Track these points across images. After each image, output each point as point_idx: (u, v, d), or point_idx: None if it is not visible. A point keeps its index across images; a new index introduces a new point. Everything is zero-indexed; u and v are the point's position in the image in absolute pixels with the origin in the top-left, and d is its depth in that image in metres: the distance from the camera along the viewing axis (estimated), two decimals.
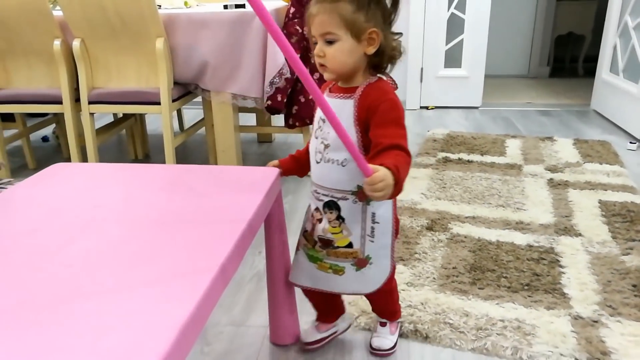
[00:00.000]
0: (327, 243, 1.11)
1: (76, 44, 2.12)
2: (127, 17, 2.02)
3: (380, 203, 1.04)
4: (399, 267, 1.61)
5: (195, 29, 2.09)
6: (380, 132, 0.96)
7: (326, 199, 1.07)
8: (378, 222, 1.07)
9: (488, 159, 2.56)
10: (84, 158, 2.33)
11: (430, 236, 1.81)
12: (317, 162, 1.07)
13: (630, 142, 2.75)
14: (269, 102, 2.10)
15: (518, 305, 1.44)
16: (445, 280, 1.55)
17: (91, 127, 2.23)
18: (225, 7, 2.18)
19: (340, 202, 1.06)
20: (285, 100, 2.12)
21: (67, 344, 0.63)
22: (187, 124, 3.24)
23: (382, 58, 1.01)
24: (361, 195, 1.04)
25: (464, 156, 2.60)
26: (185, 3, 2.37)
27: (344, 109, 1.00)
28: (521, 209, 2.03)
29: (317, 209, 1.11)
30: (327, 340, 1.31)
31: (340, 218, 1.07)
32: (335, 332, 1.33)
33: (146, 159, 2.82)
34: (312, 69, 2.07)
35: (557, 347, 1.27)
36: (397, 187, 0.90)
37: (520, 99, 3.87)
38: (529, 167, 2.45)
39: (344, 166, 1.02)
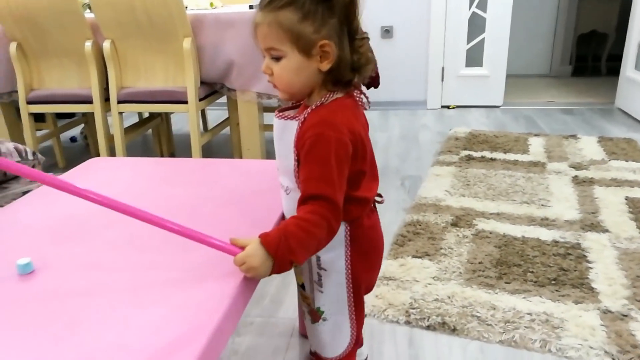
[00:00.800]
0: (297, 274, 0.99)
1: (106, 44, 2.17)
2: (156, 17, 2.07)
3: (328, 247, 0.84)
4: (425, 262, 1.63)
5: (222, 29, 2.13)
6: (302, 175, 0.81)
7: None
8: (325, 269, 0.90)
9: (511, 156, 2.56)
10: (112, 156, 2.38)
11: (456, 232, 1.82)
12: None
13: None
14: (294, 101, 2.13)
15: (546, 299, 1.44)
16: (471, 275, 1.56)
17: (120, 126, 2.28)
18: (251, 7, 2.22)
19: None
20: None
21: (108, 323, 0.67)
22: (210, 124, 3.29)
23: (342, 72, 0.82)
24: None
25: (487, 154, 2.60)
26: (211, 4, 2.41)
27: (285, 131, 0.84)
28: (546, 205, 2.02)
29: None
30: None
31: None
32: None
33: (172, 157, 2.87)
34: None
35: (587, 340, 1.28)
36: (280, 263, 0.75)
37: (542, 98, 3.84)
38: (553, 164, 2.44)
39: (287, 194, 0.89)
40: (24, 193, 1.36)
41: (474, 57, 3.58)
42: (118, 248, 0.88)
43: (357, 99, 0.86)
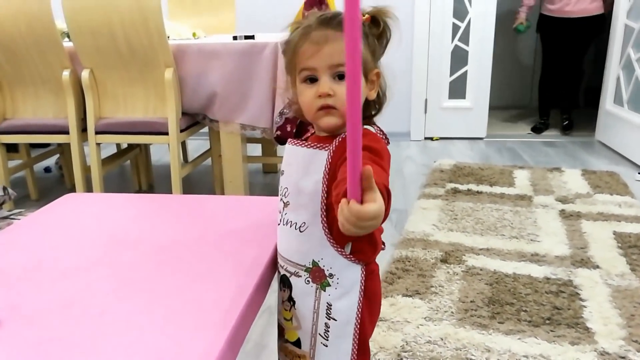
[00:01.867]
0: (280, 332, 0.88)
1: (85, 74, 2.11)
2: (137, 46, 2.02)
3: (342, 292, 0.78)
4: (416, 301, 1.57)
5: (205, 60, 2.09)
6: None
7: (282, 271, 0.85)
8: (335, 319, 0.79)
9: (497, 189, 2.54)
10: (88, 188, 2.29)
11: (446, 269, 1.77)
12: (279, 225, 0.85)
13: (639, 173, 2.74)
14: (279, 132, 2.09)
15: (541, 340, 1.39)
16: (464, 315, 1.51)
17: (97, 158, 2.20)
18: (235, 38, 2.19)
19: (292, 279, 0.82)
20: (294, 130, 2.10)
21: None
22: (190, 154, 3.22)
23: (372, 105, 0.82)
24: (315, 275, 0.79)
25: (473, 187, 2.57)
26: (194, 34, 2.38)
27: (313, 161, 0.78)
28: (535, 240, 1.99)
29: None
30: None
31: (291, 300, 0.83)
32: None
33: (150, 189, 2.79)
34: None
35: None
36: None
37: (524, 130, 3.87)
38: (539, 197, 2.43)
39: (301, 232, 0.79)
40: None
41: (457, 89, 3.60)
42: (95, 291, 0.80)
43: (378, 133, 0.82)
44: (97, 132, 2.17)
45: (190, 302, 0.76)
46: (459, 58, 3.55)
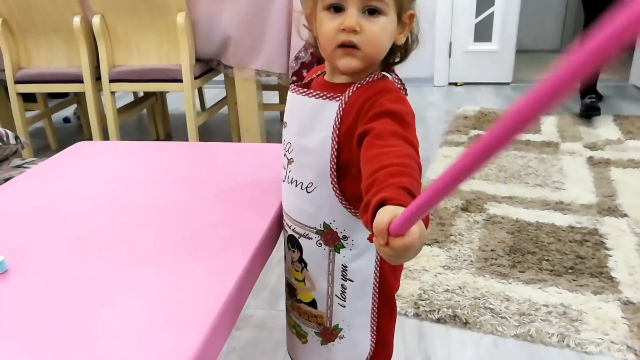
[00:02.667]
0: (292, 291, 0.83)
1: (96, 20, 2.05)
2: None
3: (357, 253, 0.73)
4: (434, 250, 1.54)
5: (218, 2, 2.01)
6: (374, 123, 0.63)
7: (289, 231, 0.79)
8: (351, 280, 0.75)
9: (523, 136, 2.45)
10: (105, 138, 2.28)
11: (466, 217, 1.72)
12: (284, 181, 0.78)
13: None
14: (294, 78, 2.02)
15: (562, 290, 1.35)
16: (483, 263, 1.47)
17: (112, 106, 2.18)
18: None
19: (301, 241, 0.76)
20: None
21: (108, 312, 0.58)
22: (208, 102, 3.18)
23: (398, 50, 0.73)
24: (328, 238, 0.73)
25: None
26: None
27: (321, 113, 0.70)
28: (560, 188, 1.92)
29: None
30: None
31: (302, 261, 0.78)
32: None
33: (168, 138, 2.78)
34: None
35: (608, 335, 1.19)
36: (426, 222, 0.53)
37: None
38: (567, 144, 2.33)
39: (308, 192, 0.72)
40: (6, 180, 1.27)
41: (483, 32, 3.44)
42: (106, 240, 0.79)
43: (396, 83, 0.73)
44: (111, 81, 2.14)
45: (194, 251, 0.74)
46: None
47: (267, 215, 0.83)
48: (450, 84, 3.56)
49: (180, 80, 2.08)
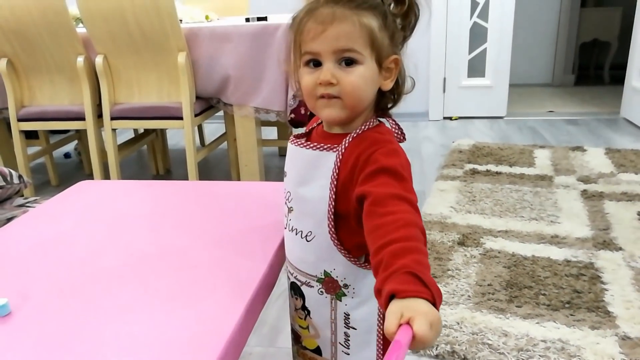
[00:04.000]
0: (297, 338, 0.84)
1: (99, 60, 2.11)
2: (149, 31, 2.01)
3: (359, 301, 0.74)
4: None
5: (218, 43, 2.07)
6: (371, 184, 0.65)
7: (291, 278, 0.80)
8: (354, 328, 0.75)
9: (517, 170, 2.49)
10: (106, 174, 2.31)
11: (463, 251, 1.74)
12: (285, 228, 0.79)
13: None
14: (293, 115, 2.07)
15: (560, 325, 1.36)
16: (480, 298, 1.48)
17: (113, 143, 2.22)
18: (247, 19, 2.16)
19: (303, 289, 0.77)
20: (308, 113, 2.07)
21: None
22: (208, 138, 3.23)
23: (389, 96, 0.74)
24: (329, 286, 0.74)
25: (492, 167, 2.52)
26: (206, 17, 2.36)
27: (319, 164, 0.71)
28: (555, 222, 1.95)
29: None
30: None
31: (305, 309, 0.78)
32: None
33: (167, 174, 2.80)
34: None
35: None
36: (439, 297, 0.53)
37: (546, 108, 3.78)
38: (560, 178, 2.37)
39: (308, 241, 0.74)
40: (9, 220, 1.29)
41: (476, 68, 3.52)
42: (109, 283, 0.80)
43: (394, 129, 0.74)
44: (112, 118, 2.18)
45: (195, 294, 0.76)
46: (478, 35, 3.46)
47: (266, 257, 0.85)
48: (445, 118, 3.62)
49: (181, 118, 2.12)
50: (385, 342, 0.76)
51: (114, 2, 1.97)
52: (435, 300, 0.51)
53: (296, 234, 0.75)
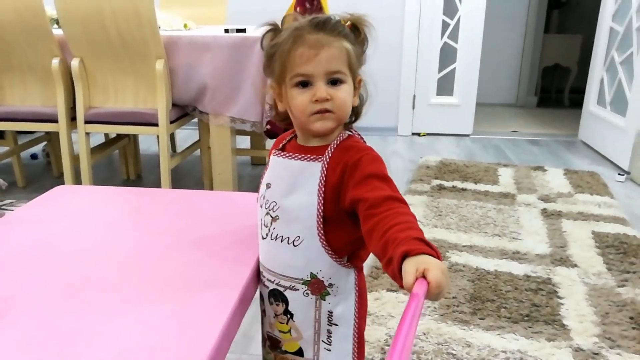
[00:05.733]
0: (275, 344, 0.88)
1: (75, 63, 2.10)
2: (129, 37, 2.02)
3: (341, 299, 0.80)
4: (400, 296, 1.61)
5: (196, 52, 2.09)
6: (365, 189, 0.73)
7: (271, 285, 0.84)
8: (336, 325, 0.81)
9: (482, 187, 2.59)
10: (76, 177, 2.29)
11: None
12: (263, 238, 0.84)
13: (619, 174, 2.81)
14: (268, 127, 2.11)
15: (519, 336, 1.44)
16: (446, 310, 1.55)
17: (86, 147, 2.20)
18: (227, 31, 2.19)
19: (287, 293, 0.82)
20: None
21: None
22: (179, 144, 3.23)
23: (359, 111, 0.83)
24: (315, 287, 0.80)
25: (458, 184, 2.62)
26: (185, 25, 2.38)
27: (305, 173, 0.79)
28: (517, 238, 2.04)
29: (261, 295, 0.88)
30: None
31: (288, 313, 0.83)
32: None
33: (138, 179, 2.79)
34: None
35: None
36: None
37: (510, 128, 3.93)
38: (522, 196, 2.48)
39: (295, 246, 0.79)
40: None
41: (445, 86, 3.64)
42: (92, 289, 0.82)
43: (360, 137, 0.84)
44: (86, 122, 2.17)
45: (177, 302, 0.79)
46: (447, 55, 3.58)
47: (249, 264, 0.88)
48: (413, 134, 3.72)
49: (156, 124, 2.13)
50: (359, 336, 0.84)
51: (93, 5, 1.97)
52: (439, 258, 0.60)
53: (282, 241, 0.80)
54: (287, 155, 0.81)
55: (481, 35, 3.51)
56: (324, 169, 0.77)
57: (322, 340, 0.82)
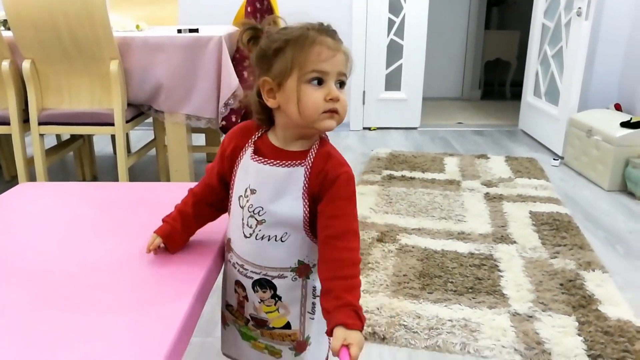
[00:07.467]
0: (260, 323, 0.94)
1: (26, 65, 2.10)
2: (82, 39, 2.04)
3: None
4: (365, 286, 1.71)
5: (150, 52, 2.13)
6: (332, 209, 0.82)
7: (256, 276, 0.89)
8: (318, 296, 0.89)
9: (429, 175, 2.74)
10: (31, 180, 2.29)
11: (381, 247, 1.93)
12: (246, 237, 0.88)
13: (554, 159, 3.03)
14: (224, 123, 2.17)
15: (464, 307, 1.58)
16: (397, 287, 1.67)
17: (41, 149, 2.21)
18: (179, 31, 2.24)
19: (275, 281, 0.89)
20: (239, 120, 2.19)
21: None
22: (133, 145, 3.24)
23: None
24: (302, 271, 0.89)
25: (407, 173, 2.76)
26: (137, 26, 2.41)
27: (290, 179, 0.84)
28: (462, 220, 2.19)
29: (238, 283, 0.93)
30: None
31: (275, 297, 0.90)
32: None
33: (94, 180, 2.79)
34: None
35: (499, 340, 1.42)
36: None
37: (455, 120, 4.13)
38: (467, 182, 2.65)
39: (283, 241, 0.86)
40: None
41: (393, 82, 3.80)
42: (60, 284, 0.88)
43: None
44: (40, 123, 2.17)
45: (143, 289, 0.85)
46: (394, 52, 3.74)
47: (212, 251, 0.96)
48: (364, 128, 3.86)
49: (111, 124, 2.16)
50: None
51: (45, 8, 1.99)
52: (363, 324, 0.77)
53: (268, 240, 0.86)
54: (271, 162, 0.85)
55: (425, 32, 3.68)
56: (307, 173, 0.83)
57: (308, 312, 0.91)
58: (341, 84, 0.82)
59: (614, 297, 1.63)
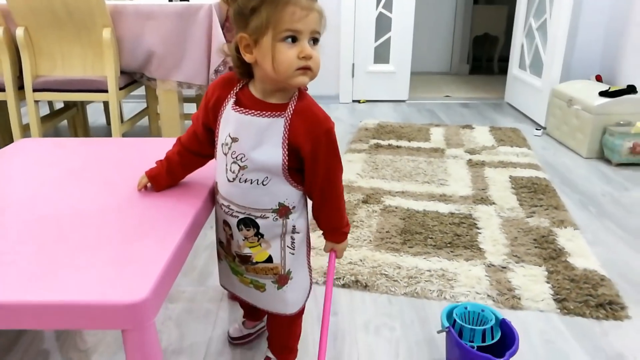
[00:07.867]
0: (244, 259, 1.03)
1: (20, 32, 2.15)
2: (74, 7, 2.08)
3: (299, 213, 1.00)
4: None
5: (142, 20, 2.18)
6: (323, 167, 0.94)
7: (241, 216, 0.98)
8: (298, 232, 1.01)
9: (415, 144, 2.82)
10: None
11: (366, 208, 2.02)
12: (230, 181, 0.96)
13: (536, 129, 3.12)
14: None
15: (442, 259, 1.67)
16: (380, 242, 1.76)
17: (36, 115, 2.26)
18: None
19: (258, 220, 0.97)
20: None
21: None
22: (125, 116, 3.29)
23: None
24: (282, 212, 0.97)
25: (394, 142, 2.85)
26: None
27: (270, 129, 0.91)
28: (444, 184, 2.29)
29: (226, 222, 1.02)
30: (253, 336, 1.32)
31: (258, 235, 0.99)
32: (261, 328, 1.33)
33: None
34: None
35: (474, 288, 1.52)
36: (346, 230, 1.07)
37: (443, 93, 4.20)
38: (451, 150, 2.74)
39: (264, 185, 0.94)
40: None
41: (382, 55, 3.85)
42: (60, 223, 0.96)
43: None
44: (35, 90, 2.23)
45: (137, 227, 0.94)
46: (383, 25, 3.78)
47: (200, 196, 1.04)
48: (354, 101, 3.93)
49: (105, 91, 2.22)
50: (309, 240, 1.07)
51: None
52: (346, 239, 1.07)
53: (251, 183, 0.94)
54: (252, 112, 0.91)
55: (414, 5, 3.72)
56: (287, 123, 0.90)
57: (288, 246, 1.01)
58: (315, 41, 0.87)
59: (583, 250, 1.73)
